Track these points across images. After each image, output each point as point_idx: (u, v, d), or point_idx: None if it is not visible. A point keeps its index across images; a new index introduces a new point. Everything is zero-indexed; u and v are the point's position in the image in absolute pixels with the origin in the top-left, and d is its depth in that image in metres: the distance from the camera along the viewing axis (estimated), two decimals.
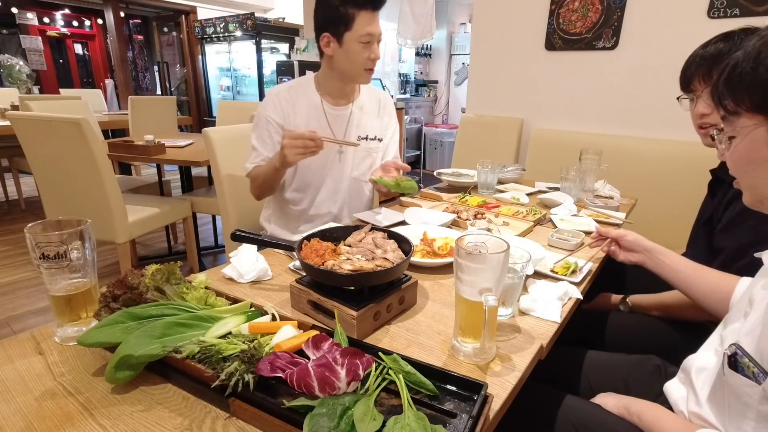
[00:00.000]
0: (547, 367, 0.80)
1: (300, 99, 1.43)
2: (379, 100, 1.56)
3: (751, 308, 0.64)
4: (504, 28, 2.61)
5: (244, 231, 0.91)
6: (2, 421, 0.54)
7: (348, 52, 1.31)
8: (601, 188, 1.69)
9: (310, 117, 1.42)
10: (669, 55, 2.14)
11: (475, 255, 0.65)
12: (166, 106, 4.05)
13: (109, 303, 0.69)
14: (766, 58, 0.53)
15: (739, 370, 0.59)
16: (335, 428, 0.48)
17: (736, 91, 0.57)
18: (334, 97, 1.45)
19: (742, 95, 0.56)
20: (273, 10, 6.94)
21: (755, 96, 0.55)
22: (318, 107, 1.43)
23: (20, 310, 2.27)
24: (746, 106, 0.56)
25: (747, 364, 0.58)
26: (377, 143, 1.53)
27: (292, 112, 1.41)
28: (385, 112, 1.57)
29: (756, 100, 0.55)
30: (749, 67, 0.54)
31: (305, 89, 1.44)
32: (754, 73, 0.54)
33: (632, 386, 0.91)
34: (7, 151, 3.62)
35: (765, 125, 0.55)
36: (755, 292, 0.65)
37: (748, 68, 0.54)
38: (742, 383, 0.59)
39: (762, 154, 0.56)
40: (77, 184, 1.96)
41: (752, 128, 0.56)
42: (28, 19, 7.38)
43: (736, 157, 0.61)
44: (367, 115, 1.51)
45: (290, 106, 1.41)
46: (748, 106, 0.56)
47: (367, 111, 1.51)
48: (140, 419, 0.54)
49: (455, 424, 0.52)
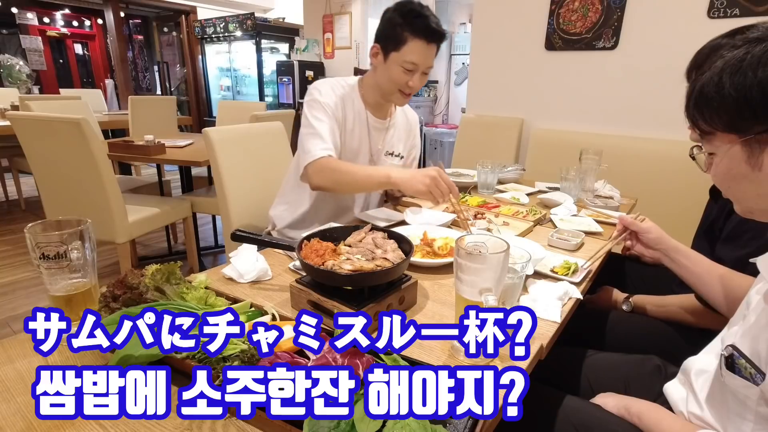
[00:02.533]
0: (547, 367, 0.80)
1: (348, 101, 1.40)
2: (408, 121, 1.59)
3: (748, 311, 0.64)
4: (504, 28, 2.61)
5: (244, 231, 0.91)
6: (2, 421, 0.54)
7: (389, 71, 1.31)
8: (601, 188, 1.69)
9: (355, 123, 1.41)
10: (669, 55, 2.15)
11: (475, 255, 0.65)
12: (166, 106, 4.05)
13: (109, 303, 0.69)
14: (727, 80, 0.53)
15: (736, 372, 0.59)
16: (335, 428, 0.48)
17: (706, 113, 0.57)
18: (375, 109, 1.45)
19: (712, 116, 0.57)
20: (273, 10, 6.94)
21: (724, 116, 0.55)
22: (362, 115, 1.42)
23: (20, 310, 2.27)
24: (719, 126, 0.57)
25: (744, 365, 0.58)
26: (399, 160, 1.56)
27: (343, 110, 1.38)
28: (412, 133, 1.60)
29: (726, 120, 0.56)
30: (713, 90, 0.55)
31: (351, 93, 1.41)
32: (719, 95, 0.54)
33: (632, 386, 0.91)
34: (7, 151, 3.61)
35: (739, 143, 0.55)
36: (752, 295, 0.66)
37: (712, 91, 0.55)
38: (739, 384, 0.59)
39: (741, 171, 0.57)
40: (77, 184, 1.96)
41: (729, 148, 0.57)
42: (28, 19, 7.38)
43: (720, 174, 0.61)
44: (398, 133, 1.54)
45: (341, 104, 1.38)
46: (721, 127, 0.57)
47: (399, 130, 1.55)
48: (140, 419, 0.54)
49: (455, 424, 0.52)
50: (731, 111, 0.54)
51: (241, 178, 1.69)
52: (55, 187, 2.05)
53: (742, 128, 0.54)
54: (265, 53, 6.05)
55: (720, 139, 0.58)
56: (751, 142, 0.54)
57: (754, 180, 0.56)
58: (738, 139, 0.55)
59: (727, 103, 0.54)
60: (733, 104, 0.53)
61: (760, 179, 0.55)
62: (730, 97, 0.53)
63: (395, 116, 1.52)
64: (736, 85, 0.52)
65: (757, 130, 0.53)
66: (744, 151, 0.55)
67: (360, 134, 1.42)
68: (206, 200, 2.54)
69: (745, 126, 0.54)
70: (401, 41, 1.26)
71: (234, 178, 1.67)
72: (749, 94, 0.51)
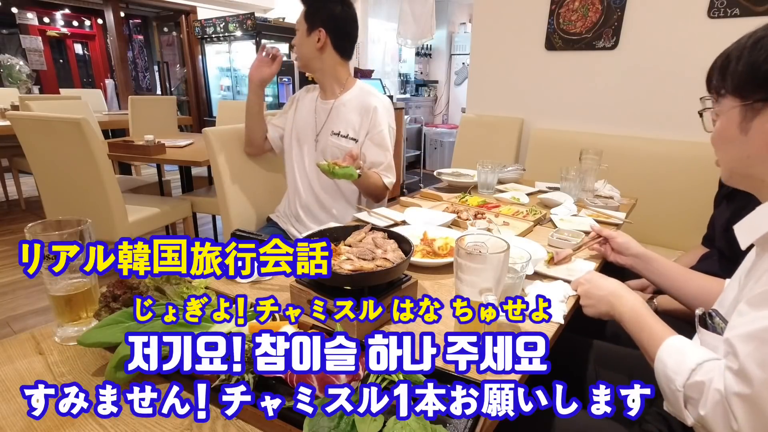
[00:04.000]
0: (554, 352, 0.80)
1: (310, 90, 1.68)
2: (368, 105, 1.54)
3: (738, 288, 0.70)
4: (504, 28, 2.61)
5: (244, 231, 0.91)
6: (2, 421, 0.54)
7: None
8: (601, 188, 1.69)
9: (308, 107, 1.63)
10: (669, 55, 2.15)
11: (475, 255, 0.65)
12: (166, 106, 4.05)
13: (109, 303, 0.69)
14: (746, 53, 0.63)
15: (709, 329, 0.69)
16: (335, 428, 0.48)
17: (722, 75, 0.67)
18: (324, 91, 1.62)
19: (725, 78, 0.66)
20: (273, 10, 6.93)
21: (735, 80, 0.65)
22: (314, 100, 1.63)
23: (20, 310, 2.27)
24: (729, 88, 0.66)
25: (719, 323, 0.68)
26: (349, 141, 1.55)
27: (301, 98, 1.67)
28: (368, 116, 1.55)
29: (735, 84, 0.65)
30: (735, 57, 0.65)
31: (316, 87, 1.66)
32: (737, 62, 0.64)
33: (636, 378, 0.92)
34: (7, 151, 3.61)
35: (739, 108, 0.64)
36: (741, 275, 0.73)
37: (734, 58, 0.65)
38: (710, 339, 0.68)
39: (732, 133, 0.65)
40: (77, 184, 1.96)
41: (730, 108, 0.65)
42: (28, 19, 7.38)
43: (716, 134, 0.70)
44: (347, 113, 1.56)
45: (303, 94, 1.68)
46: (730, 89, 0.65)
47: (349, 109, 1.56)
48: (140, 419, 0.54)
49: (455, 424, 0.52)
50: (742, 77, 0.63)
51: (241, 178, 1.69)
52: (55, 187, 2.05)
53: (745, 94, 0.63)
54: None
55: (726, 101, 0.66)
56: (747, 108, 0.63)
57: (739, 144, 0.65)
58: (740, 102, 0.64)
59: (740, 71, 0.63)
60: (744, 72, 0.63)
61: (744, 143, 0.64)
62: (745, 66, 0.63)
63: (342, 98, 1.58)
64: (752, 58, 0.62)
65: (755, 98, 0.62)
66: (739, 115, 0.64)
67: (306, 114, 1.63)
68: (206, 200, 2.54)
69: (748, 93, 0.63)
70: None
71: (234, 178, 1.67)
72: (759, 68, 0.61)
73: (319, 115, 1.60)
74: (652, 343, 0.71)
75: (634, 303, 0.79)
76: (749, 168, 0.66)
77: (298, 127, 1.62)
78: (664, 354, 0.67)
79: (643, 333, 0.74)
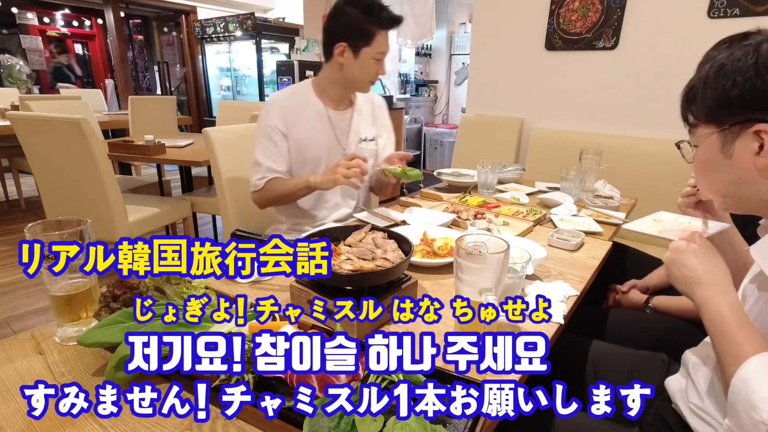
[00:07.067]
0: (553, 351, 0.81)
1: (304, 106, 1.44)
2: (372, 103, 1.59)
3: (745, 303, 0.68)
4: (504, 28, 2.61)
5: (244, 231, 0.91)
6: (2, 421, 0.53)
7: (361, 65, 1.36)
8: (601, 188, 1.69)
9: (315, 122, 1.44)
10: (669, 55, 2.15)
11: (475, 255, 0.65)
12: (166, 106, 4.05)
13: (109, 303, 0.69)
14: (711, 81, 0.64)
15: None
16: (335, 428, 0.48)
17: (693, 106, 0.68)
18: (336, 102, 1.47)
19: (698, 109, 0.67)
20: (273, 10, 6.94)
21: (706, 110, 0.66)
22: (322, 113, 1.45)
23: (20, 310, 2.27)
24: (701, 118, 0.67)
25: None
26: (372, 143, 1.56)
27: (295, 118, 1.42)
28: (377, 115, 1.59)
29: (707, 113, 0.66)
30: (700, 88, 0.66)
31: (306, 95, 1.45)
32: (703, 93, 0.65)
33: (635, 377, 0.92)
34: (7, 151, 3.61)
35: (717, 134, 0.65)
36: (746, 287, 0.70)
37: (699, 89, 0.66)
38: None
39: (716, 159, 0.66)
40: (77, 184, 1.96)
41: (707, 136, 0.66)
42: (28, 19, 7.38)
43: (699, 163, 0.70)
44: (364, 119, 1.55)
45: (293, 113, 1.41)
46: (703, 119, 0.67)
47: (365, 115, 1.55)
48: (140, 419, 0.54)
49: (455, 424, 0.52)
50: (713, 105, 0.64)
51: (241, 178, 1.69)
52: (55, 187, 2.05)
53: (719, 120, 0.64)
54: (265, 53, 6.05)
55: (702, 130, 0.67)
56: (725, 132, 0.64)
57: (726, 168, 0.65)
58: (716, 129, 0.65)
59: (709, 99, 0.64)
60: (713, 99, 0.64)
61: (731, 166, 0.65)
62: (713, 93, 0.63)
63: (357, 104, 1.53)
64: (718, 86, 0.63)
65: (731, 123, 0.63)
66: (719, 140, 0.65)
67: (322, 130, 1.45)
68: (206, 200, 2.54)
69: (722, 118, 0.64)
70: (371, 36, 1.32)
71: (234, 178, 1.67)
72: (728, 94, 0.62)
73: (337, 126, 1.47)
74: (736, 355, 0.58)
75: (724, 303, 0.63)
76: (741, 190, 0.66)
77: (308, 148, 1.44)
78: (752, 375, 0.55)
79: (725, 341, 0.61)
